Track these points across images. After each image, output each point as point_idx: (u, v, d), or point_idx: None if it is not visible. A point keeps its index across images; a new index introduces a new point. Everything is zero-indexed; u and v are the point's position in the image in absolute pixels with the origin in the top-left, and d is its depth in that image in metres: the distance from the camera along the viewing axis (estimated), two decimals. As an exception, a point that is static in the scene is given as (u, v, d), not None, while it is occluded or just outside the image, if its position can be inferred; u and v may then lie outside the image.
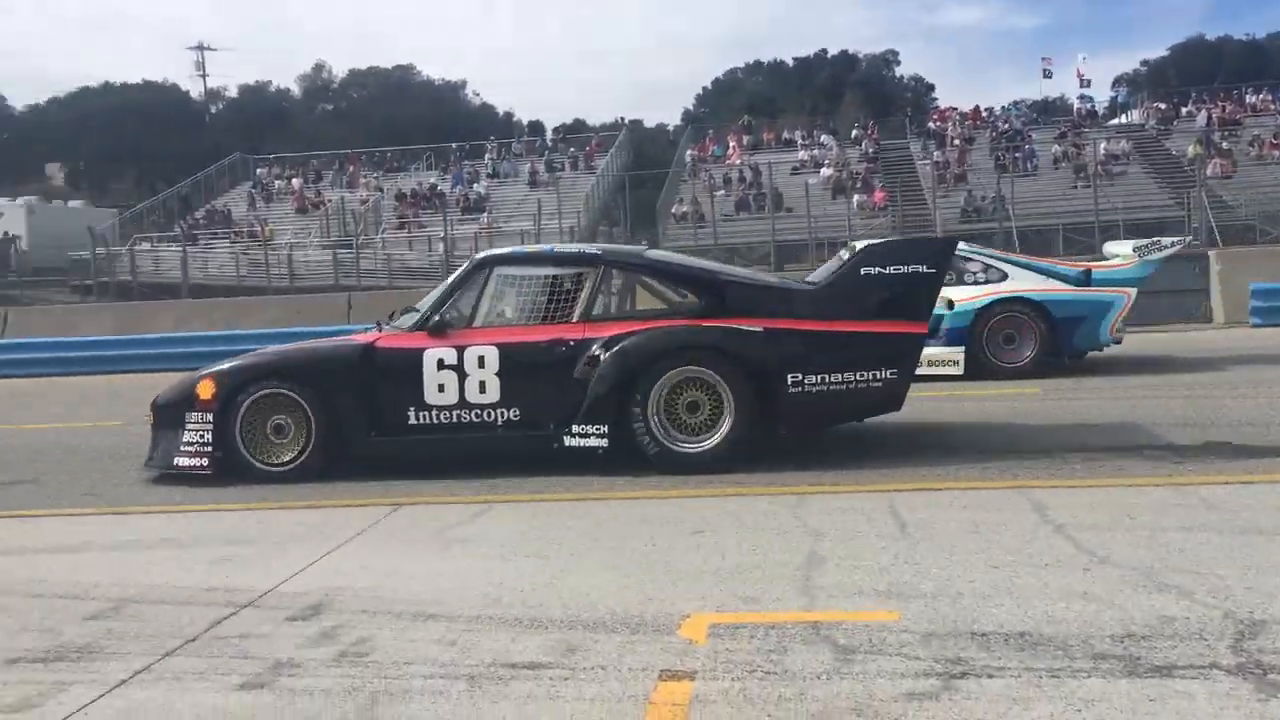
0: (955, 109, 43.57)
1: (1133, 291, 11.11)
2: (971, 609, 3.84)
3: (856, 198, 33.01)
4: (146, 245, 35.34)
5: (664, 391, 6.73)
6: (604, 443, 6.79)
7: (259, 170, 43.61)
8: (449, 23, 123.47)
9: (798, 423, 6.97)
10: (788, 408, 6.73)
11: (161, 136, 57.89)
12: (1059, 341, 10.91)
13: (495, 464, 6.96)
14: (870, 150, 38.48)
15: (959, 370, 10.89)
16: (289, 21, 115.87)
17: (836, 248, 26.16)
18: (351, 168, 42.20)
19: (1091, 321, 10.95)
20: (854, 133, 41.20)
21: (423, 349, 7.05)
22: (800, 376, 6.67)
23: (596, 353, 6.81)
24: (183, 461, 7.18)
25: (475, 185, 38.77)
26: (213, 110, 67.93)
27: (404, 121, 54.96)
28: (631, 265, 7.56)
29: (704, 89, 74.08)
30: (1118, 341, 11.34)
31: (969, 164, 35.27)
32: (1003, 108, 43.26)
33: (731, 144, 40.08)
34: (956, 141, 37.45)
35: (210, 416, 7.11)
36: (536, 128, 61.28)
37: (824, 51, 72.78)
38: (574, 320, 7.03)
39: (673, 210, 34.58)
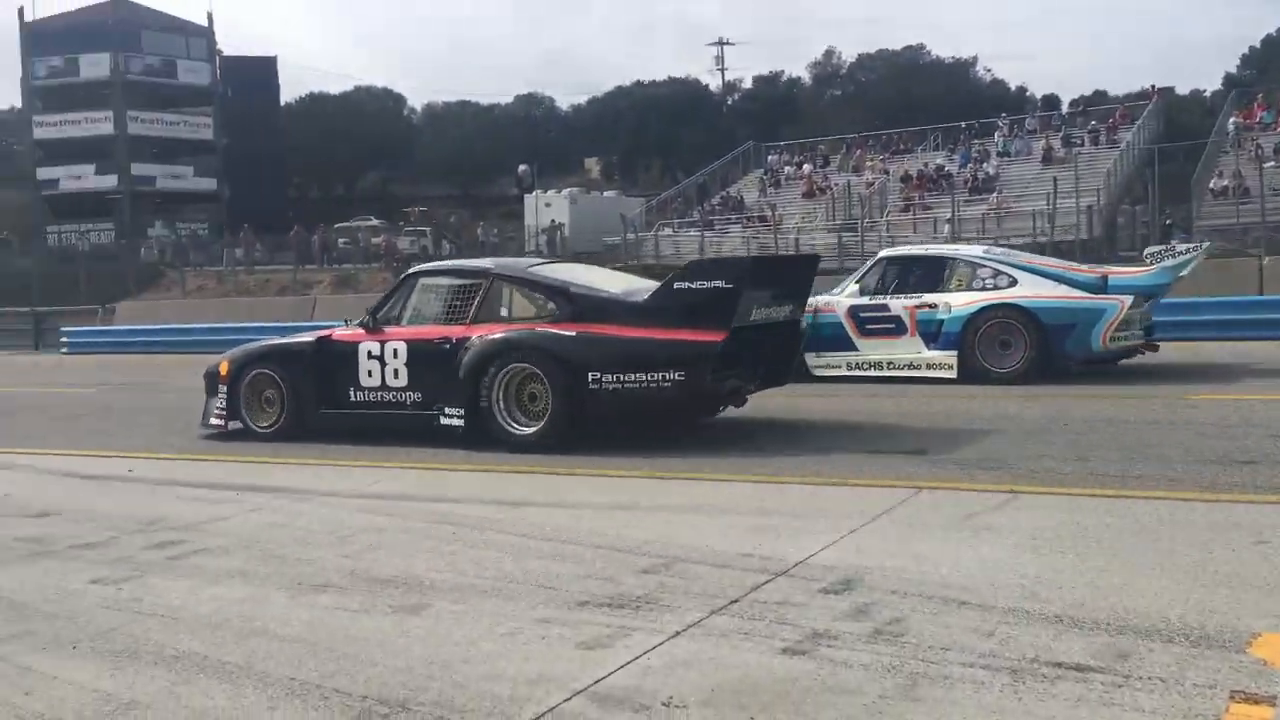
0: None
1: (1128, 299, 10.84)
2: None
3: None
4: (668, 230, 38.04)
5: (507, 383, 8.07)
6: (461, 422, 8.24)
7: (770, 157, 45.30)
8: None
9: (599, 416, 7.94)
10: (590, 402, 7.79)
11: (683, 129, 61.99)
12: (1050, 348, 10.86)
13: (1013, 458, 6.74)
14: None
15: (953, 374, 11.15)
16: (802, 13, 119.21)
17: None
18: (858, 151, 42.60)
19: (1082, 329, 10.78)
20: None
21: (358, 342, 8.78)
22: (599, 375, 7.71)
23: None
24: (213, 421, 9.45)
25: (984, 164, 37.55)
26: (729, 102, 71.58)
27: (911, 102, 54.49)
28: (511, 278, 8.72)
29: (1250, 48, 66.06)
30: (1119, 353, 11.12)
31: None
32: None
33: (1286, 108, 35.47)
34: None
35: (226, 388, 9.30)
36: (1051, 102, 58.09)
37: None
38: (466, 322, 8.45)
39: (1210, 185, 31.29)
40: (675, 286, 7.90)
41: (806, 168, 41.96)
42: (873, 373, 11.67)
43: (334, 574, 4.86)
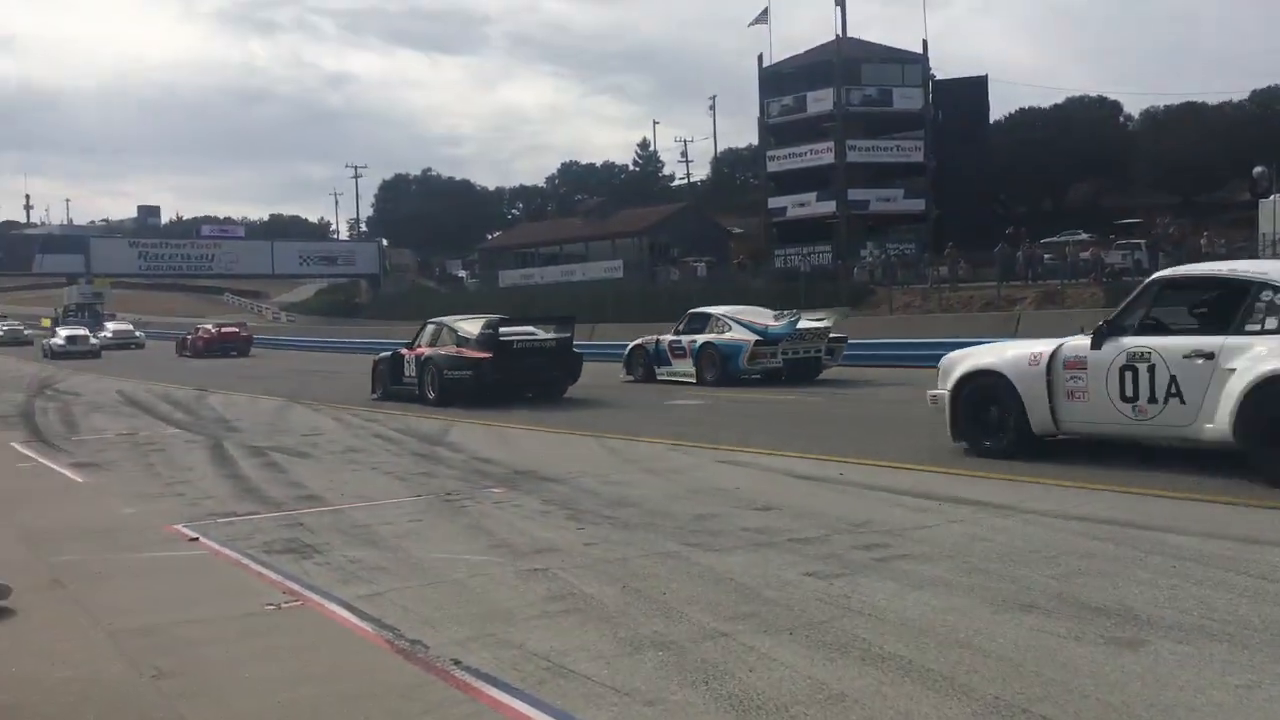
0: None
1: (752, 339, 18.47)
2: None
3: None
4: None
5: (431, 375, 16.74)
6: (417, 392, 16.90)
7: None
8: None
9: (453, 391, 16.30)
10: (448, 385, 16.37)
11: None
12: (726, 367, 18.67)
13: None
14: None
15: (693, 380, 19.06)
16: None
17: None
18: None
19: (734, 358, 18.58)
20: None
21: (404, 355, 17.66)
22: (451, 372, 16.40)
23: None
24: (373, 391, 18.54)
25: None
26: None
27: None
28: (448, 325, 17.53)
29: None
30: (758, 374, 18.59)
31: None
32: None
33: None
34: None
35: (372, 373, 18.72)
36: None
37: None
38: (432, 345, 17.32)
39: None
40: (480, 331, 16.54)
41: None
42: (676, 379, 19.55)
43: (1040, 595, 4.65)
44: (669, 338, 20.24)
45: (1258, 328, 7.32)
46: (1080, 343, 8.30)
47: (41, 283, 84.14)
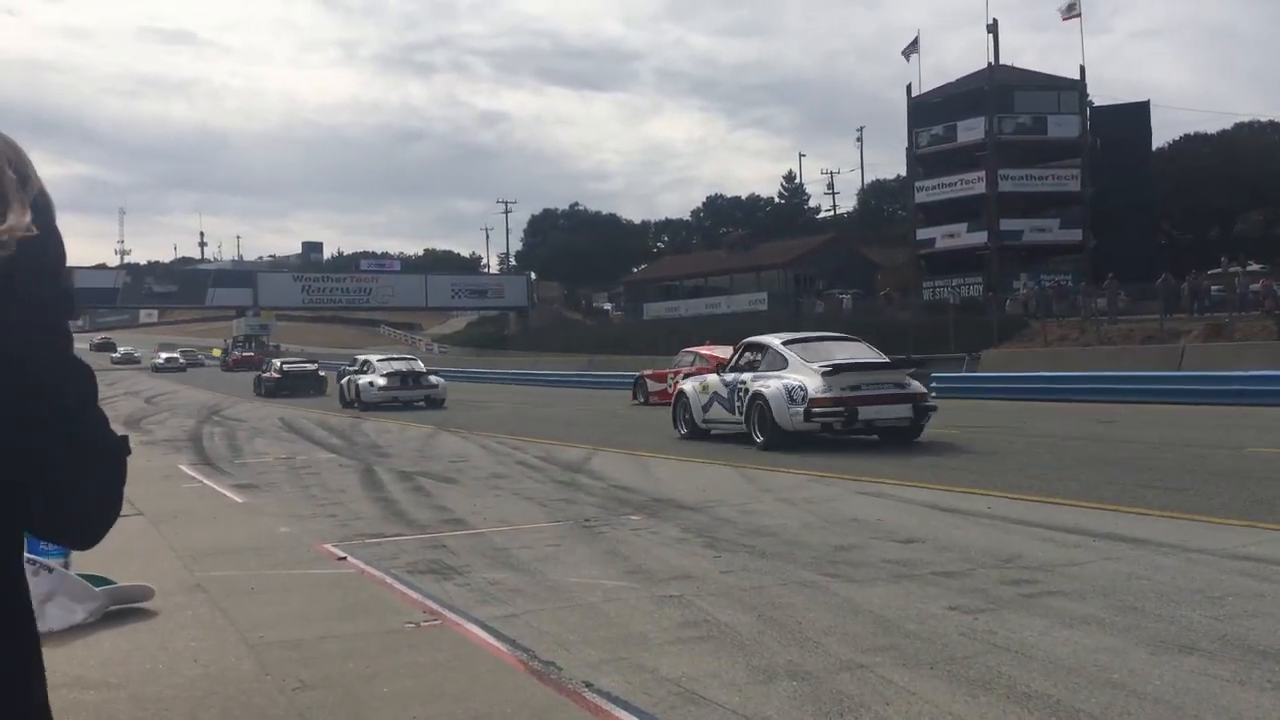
0: None
1: (383, 380, 27.45)
2: None
3: None
4: None
5: (261, 383, 36.46)
6: (259, 391, 35.60)
7: None
8: None
9: (268, 393, 34.14)
10: (266, 388, 34.72)
11: None
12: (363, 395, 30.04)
13: None
14: None
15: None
16: None
17: None
18: None
19: (368, 389, 27.45)
20: None
21: (260, 374, 37.78)
22: (265, 383, 35.14)
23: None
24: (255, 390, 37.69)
25: None
26: None
27: None
28: (270, 361, 40.17)
29: None
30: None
31: None
32: None
33: None
34: None
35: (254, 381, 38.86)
36: None
37: None
38: (265, 372, 37.58)
39: None
40: (279, 364, 36.57)
41: None
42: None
43: (1202, 636, 4.39)
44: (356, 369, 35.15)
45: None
46: None
47: (213, 315, 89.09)
